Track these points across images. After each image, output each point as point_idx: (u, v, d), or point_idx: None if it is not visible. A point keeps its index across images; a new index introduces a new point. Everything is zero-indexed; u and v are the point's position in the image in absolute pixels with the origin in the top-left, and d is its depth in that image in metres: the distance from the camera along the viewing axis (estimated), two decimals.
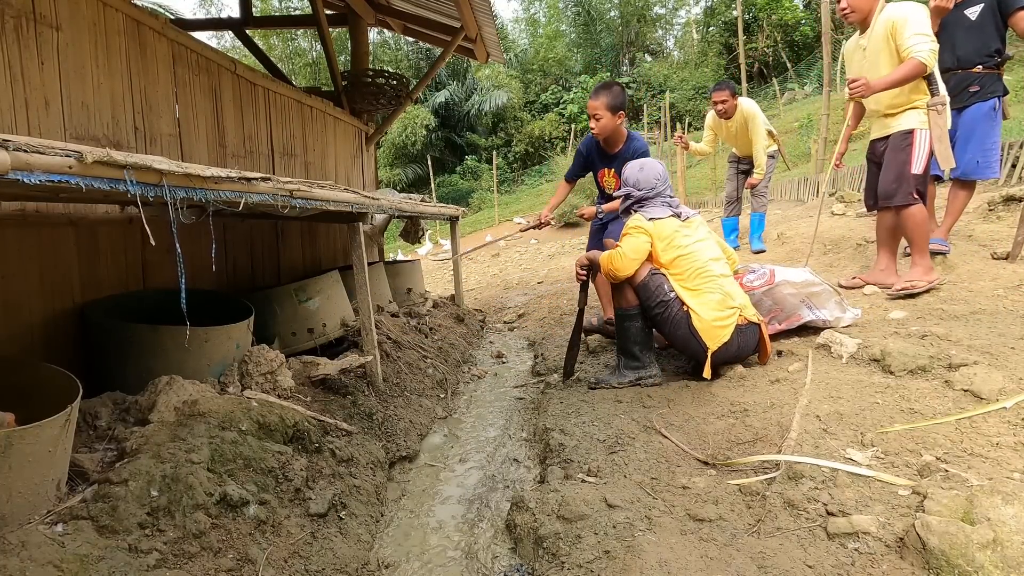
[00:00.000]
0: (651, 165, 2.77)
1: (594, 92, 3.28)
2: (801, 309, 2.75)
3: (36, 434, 1.35)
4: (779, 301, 2.80)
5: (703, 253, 2.56)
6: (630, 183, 2.76)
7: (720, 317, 2.43)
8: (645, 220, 2.62)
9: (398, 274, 4.76)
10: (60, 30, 2.19)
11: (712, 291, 2.47)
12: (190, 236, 2.89)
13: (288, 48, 25.18)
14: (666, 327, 2.54)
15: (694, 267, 2.52)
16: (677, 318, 2.48)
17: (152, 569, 1.32)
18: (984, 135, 3.17)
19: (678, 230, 2.59)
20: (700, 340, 2.43)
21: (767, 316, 2.80)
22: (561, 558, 1.50)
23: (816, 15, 21.82)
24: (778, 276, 2.83)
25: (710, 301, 2.45)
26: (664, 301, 2.51)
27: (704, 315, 2.43)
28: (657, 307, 2.52)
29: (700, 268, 2.52)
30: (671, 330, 2.52)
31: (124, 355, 2.10)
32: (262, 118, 3.70)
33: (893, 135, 2.96)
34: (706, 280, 2.50)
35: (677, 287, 2.51)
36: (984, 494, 1.29)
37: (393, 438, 2.45)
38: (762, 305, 2.81)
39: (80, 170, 1.16)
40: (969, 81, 3.19)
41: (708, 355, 2.42)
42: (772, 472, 1.66)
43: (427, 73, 6.14)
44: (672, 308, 2.49)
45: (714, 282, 2.49)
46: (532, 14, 30.20)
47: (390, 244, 14.85)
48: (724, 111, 4.82)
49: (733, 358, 2.52)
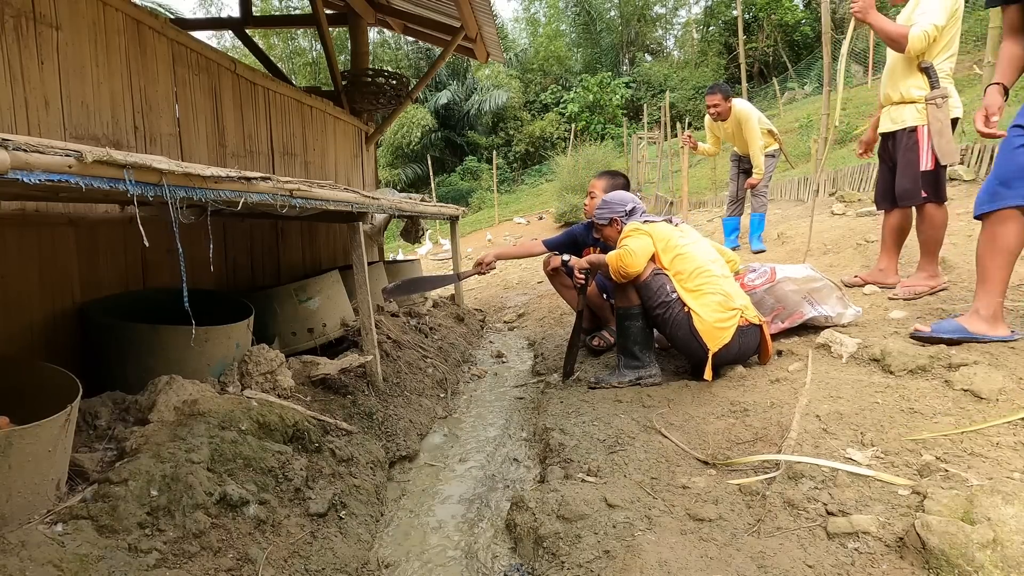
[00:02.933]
0: (620, 193, 2.96)
1: (598, 174, 3.45)
2: (803, 306, 2.75)
3: (36, 434, 1.35)
4: (781, 298, 2.80)
5: (701, 253, 2.58)
6: (610, 206, 2.85)
7: (721, 319, 2.42)
8: (640, 223, 2.67)
9: (398, 274, 4.76)
10: (60, 29, 2.19)
11: (713, 292, 2.47)
12: (190, 236, 2.88)
13: (288, 48, 25.18)
14: (667, 328, 2.54)
15: (694, 267, 2.52)
16: (678, 319, 2.48)
17: (152, 569, 1.32)
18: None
19: (673, 233, 2.63)
20: (701, 341, 2.43)
21: (770, 315, 2.80)
22: (561, 558, 1.50)
23: (816, 15, 21.84)
24: (779, 273, 2.83)
25: (711, 303, 2.45)
26: (666, 302, 2.51)
27: (705, 316, 2.43)
28: (659, 307, 2.52)
29: (700, 268, 2.52)
30: (672, 331, 2.52)
31: (124, 355, 2.10)
32: (262, 118, 3.70)
33: (899, 133, 2.94)
34: (707, 280, 2.50)
35: (679, 288, 2.52)
36: (984, 494, 1.29)
37: (393, 438, 2.45)
38: (764, 304, 2.81)
39: (80, 169, 1.16)
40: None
41: (709, 356, 2.42)
42: (772, 472, 1.66)
43: (427, 72, 6.13)
44: (673, 309, 2.49)
45: (714, 283, 2.49)
46: (532, 14, 30.19)
47: (390, 244, 14.84)
48: (717, 114, 4.82)
49: (734, 359, 2.52)
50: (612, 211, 2.84)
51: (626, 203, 2.85)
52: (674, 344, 2.61)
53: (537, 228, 13.99)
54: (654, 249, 2.59)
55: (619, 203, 2.86)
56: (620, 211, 2.84)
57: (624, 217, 2.82)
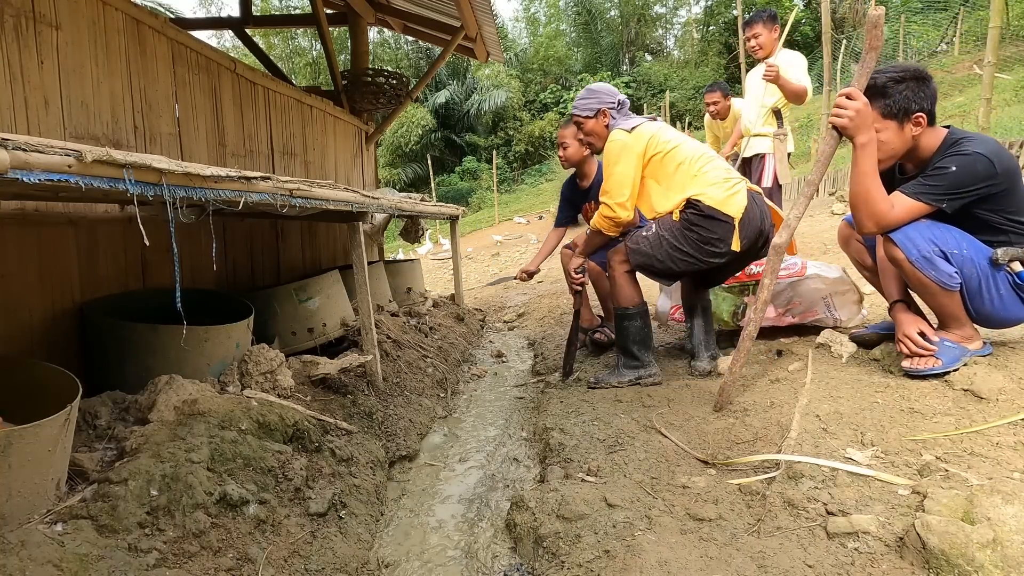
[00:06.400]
0: (606, 84, 2.70)
1: (564, 122, 3.28)
2: (819, 305, 2.72)
3: (35, 433, 1.35)
4: (802, 294, 2.75)
5: (689, 145, 2.48)
6: (597, 95, 2.58)
7: (729, 187, 2.37)
8: (624, 133, 2.47)
9: (398, 273, 4.76)
10: (59, 29, 2.19)
11: (713, 169, 2.41)
12: (190, 235, 2.89)
13: (288, 47, 25.15)
14: (663, 246, 2.42)
15: (686, 157, 2.43)
16: (674, 230, 2.40)
17: (152, 568, 1.32)
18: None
19: (656, 132, 2.48)
20: (723, 215, 2.34)
21: (783, 308, 2.76)
22: (561, 557, 1.50)
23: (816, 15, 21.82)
24: (810, 269, 2.76)
25: (716, 179, 2.38)
26: (647, 232, 2.45)
27: (713, 194, 2.35)
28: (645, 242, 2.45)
29: (693, 156, 2.43)
30: (671, 244, 2.41)
31: (124, 354, 2.10)
32: (262, 117, 3.69)
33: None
34: (706, 162, 2.42)
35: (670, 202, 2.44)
36: (984, 494, 1.29)
37: (393, 437, 2.45)
38: (781, 296, 2.77)
39: (79, 169, 1.16)
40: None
41: (736, 226, 2.34)
42: (772, 471, 1.66)
43: (427, 72, 6.13)
44: (663, 226, 2.43)
45: (712, 163, 2.42)
46: (532, 13, 30.16)
47: (390, 243, 14.84)
48: (717, 112, 4.80)
49: (758, 233, 2.42)
50: (600, 101, 2.57)
51: (614, 94, 2.59)
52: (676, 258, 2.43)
53: (537, 227, 13.99)
54: (638, 170, 2.44)
55: (607, 93, 2.58)
56: (609, 101, 2.56)
57: (614, 110, 2.58)
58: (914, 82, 1.92)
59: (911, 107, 1.93)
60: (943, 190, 1.89)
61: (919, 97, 1.92)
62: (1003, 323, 2.03)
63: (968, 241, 1.93)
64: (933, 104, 1.95)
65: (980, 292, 1.93)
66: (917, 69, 1.96)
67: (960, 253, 1.90)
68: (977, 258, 1.91)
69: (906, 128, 1.95)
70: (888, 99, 1.94)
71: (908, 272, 1.96)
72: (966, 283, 1.92)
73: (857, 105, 1.84)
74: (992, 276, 1.91)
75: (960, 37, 14.82)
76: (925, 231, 1.92)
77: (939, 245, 1.90)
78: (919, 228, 1.93)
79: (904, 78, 1.93)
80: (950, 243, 1.91)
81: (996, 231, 1.94)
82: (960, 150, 1.89)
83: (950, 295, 1.93)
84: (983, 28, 11.65)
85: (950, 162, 1.89)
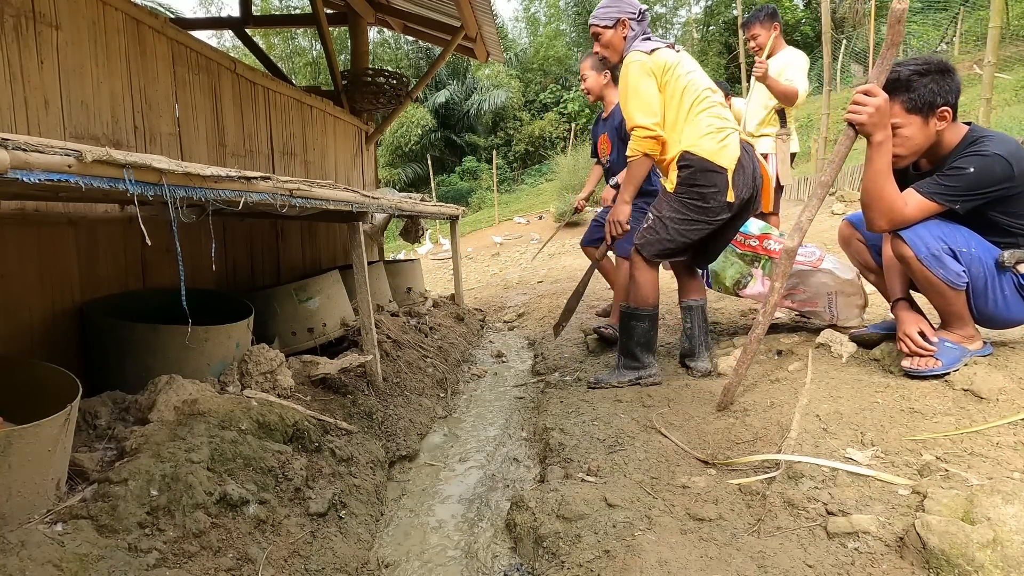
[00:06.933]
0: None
1: (584, 56, 3.26)
2: (821, 299, 2.71)
3: (35, 433, 1.35)
4: (808, 285, 2.73)
5: (700, 81, 2.44)
6: (618, 4, 2.48)
7: (721, 138, 2.34)
8: (644, 55, 2.38)
9: (398, 273, 4.76)
10: (59, 29, 2.19)
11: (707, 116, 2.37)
12: (190, 235, 2.89)
13: (288, 47, 25.13)
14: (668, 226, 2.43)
15: (696, 93, 2.38)
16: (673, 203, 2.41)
17: (152, 568, 1.32)
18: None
19: (676, 64, 2.40)
20: (716, 166, 2.32)
21: (786, 292, 2.72)
22: (561, 557, 1.50)
23: (816, 15, 21.83)
24: (826, 264, 2.71)
25: (708, 128, 2.34)
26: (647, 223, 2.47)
27: (706, 145, 2.33)
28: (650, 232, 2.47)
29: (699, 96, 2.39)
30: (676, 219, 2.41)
31: (124, 354, 2.10)
32: (262, 117, 3.69)
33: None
34: (707, 107, 2.38)
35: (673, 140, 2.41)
36: (984, 494, 1.29)
37: (393, 437, 2.45)
38: (788, 280, 2.75)
39: (79, 169, 1.16)
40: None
41: (729, 178, 2.32)
42: (772, 471, 1.66)
43: (427, 72, 6.13)
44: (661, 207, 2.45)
45: (709, 111, 2.39)
46: (532, 13, 30.17)
47: (390, 243, 14.84)
48: None
49: (752, 185, 2.41)
50: (621, 10, 2.47)
51: (636, 5, 2.47)
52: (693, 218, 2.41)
53: (537, 227, 13.98)
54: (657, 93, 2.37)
55: (628, 3, 2.47)
56: (631, 12, 2.46)
57: (634, 21, 2.47)
58: (938, 75, 1.87)
59: (936, 101, 1.87)
60: (959, 192, 1.86)
61: (944, 90, 1.87)
62: (1005, 324, 2.02)
63: (976, 240, 1.91)
64: (957, 98, 1.90)
65: (985, 292, 1.92)
66: (940, 61, 1.90)
67: (968, 252, 1.88)
68: (985, 258, 1.89)
69: (931, 123, 1.90)
70: (912, 93, 1.88)
71: (916, 270, 1.94)
72: (972, 282, 1.91)
73: (877, 102, 1.79)
74: (998, 277, 1.90)
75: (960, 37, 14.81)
76: (935, 229, 1.90)
77: (948, 243, 1.88)
78: (928, 226, 1.91)
79: (928, 71, 1.87)
80: (959, 241, 1.89)
81: (1004, 232, 1.91)
82: (979, 150, 1.84)
83: (956, 294, 1.92)
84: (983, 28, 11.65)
85: (968, 163, 1.84)
